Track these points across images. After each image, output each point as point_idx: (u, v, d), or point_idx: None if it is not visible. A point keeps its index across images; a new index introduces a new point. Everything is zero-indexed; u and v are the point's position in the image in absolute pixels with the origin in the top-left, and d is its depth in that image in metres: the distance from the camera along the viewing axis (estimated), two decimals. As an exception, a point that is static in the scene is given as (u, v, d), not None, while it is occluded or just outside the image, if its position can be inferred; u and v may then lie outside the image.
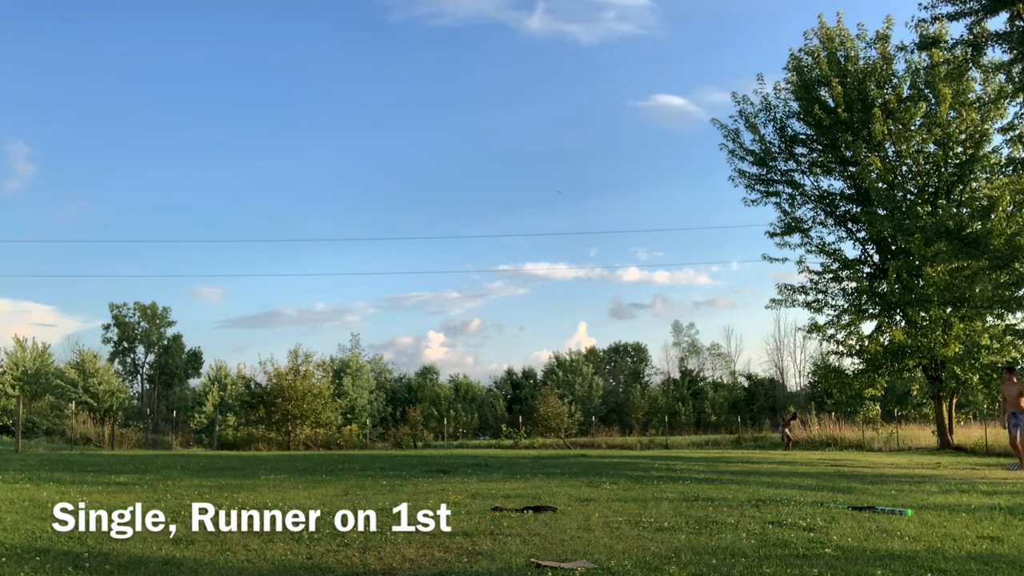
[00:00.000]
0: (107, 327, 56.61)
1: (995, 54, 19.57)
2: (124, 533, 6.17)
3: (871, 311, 27.33)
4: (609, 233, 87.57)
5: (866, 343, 27.56)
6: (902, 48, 25.57)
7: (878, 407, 34.60)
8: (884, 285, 26.38)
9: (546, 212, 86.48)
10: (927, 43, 21.40)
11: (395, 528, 6.39)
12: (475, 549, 5.52)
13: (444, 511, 6.14)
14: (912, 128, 25.99)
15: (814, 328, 28.19)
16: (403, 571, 4.88)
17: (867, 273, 27.39)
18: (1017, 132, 24.80)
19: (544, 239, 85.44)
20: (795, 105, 27.49)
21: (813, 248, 28.02)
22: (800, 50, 27.16)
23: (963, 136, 25.94)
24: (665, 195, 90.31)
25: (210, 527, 6.48)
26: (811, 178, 28.39)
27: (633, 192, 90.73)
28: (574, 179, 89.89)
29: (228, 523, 6.69)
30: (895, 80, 26.37)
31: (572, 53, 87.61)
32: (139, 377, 58.55)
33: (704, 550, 5.52)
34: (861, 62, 26.60)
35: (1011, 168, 23.16)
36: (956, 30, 19.57)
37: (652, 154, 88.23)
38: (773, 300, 28.96)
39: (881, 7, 52.41)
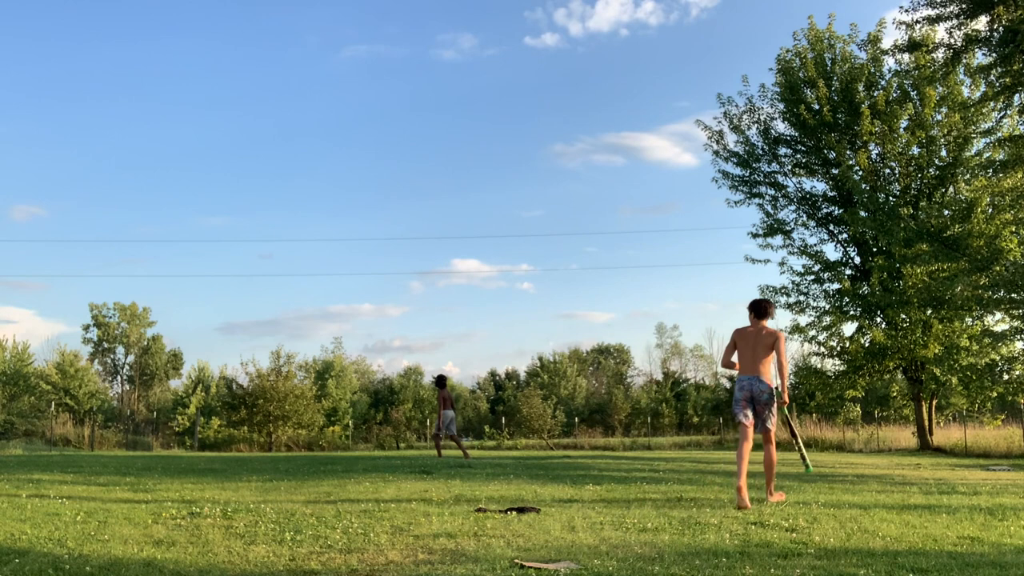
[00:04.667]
0: (87, 328, 56.19)
1: (980, 58, 19.78)
2: (104, 534, 6.12)
3: (852, 313, 27.50)
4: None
5: (847, 344, 27.74)
6: (885, 52, 25.83)
7: (859, 408, 34.82)
8: (865, 287, 26.56)
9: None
10: (910, 46, 21.56)
11: (378, 529, 6.37)
12: (459, 550, 5.51)
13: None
14: (898, 130, 26.21)
15: (796, 329, 28.35)
16: (386, 573, 4.87)
17: (848, 275, 27.57)
18: (999, 135, 25.04)
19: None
20: (781, 106, 27.65)
21: (795, 250, 28.19)
22: (788, 51, 27.33)
23: (947, 138, 26.17)
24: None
25: (191, 528, 6.44)
26: (794, 180, 28.57)
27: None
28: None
29: (210, 524, 6.65)
30: (883, 82, 26.57)
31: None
32: (119, 378, 58.14)
33: (687, 551, 5.53)
34: (849, 64, 26.78)
35: (991, 170, 23.38)
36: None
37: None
38: (755, 302, 29.07)
39: (879, 9, 52.77)
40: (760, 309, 8.71)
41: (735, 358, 8.73)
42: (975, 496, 9.72)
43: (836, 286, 27.61)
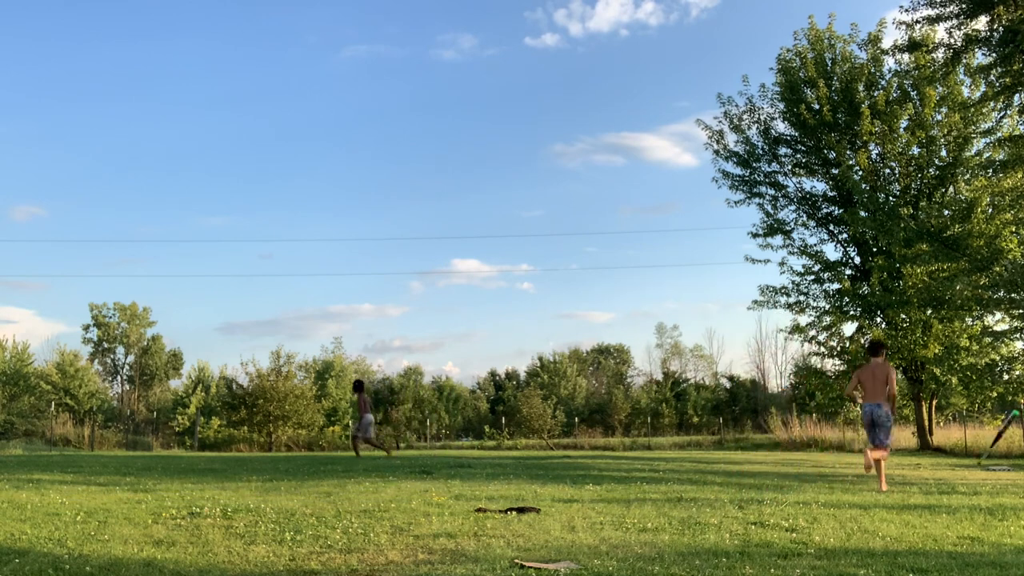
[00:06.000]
0: (87, 328, 56.15)
1: (980, 58, 19.78)
2: (104, 534, 6.12)
3: (852, 313, 27.49)
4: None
5: (847, 344, 27.73)
6: (885, 52, 25.81)
7: (859, 408, 34.79)
8: (865, 287, 26.55)
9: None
10: (910, 46, 21.56)
11: (378, 530, 6.37)
12: (459, 550, 5.51)
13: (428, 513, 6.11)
14: (898, 130, 26.19)
15: (796, 329, 28.34)
16: (386, 573, 4.87)
17: (848, 275, 27.56)
18: (999, 135, 25.03)
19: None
20: (781, 105, 27.61)
21: (795, 250, 28.17)
22: (789, 50, 27.31)
23: (947, 138, 26.15)
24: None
25: (191, 528, 6.44)
26: (794, 180, 28.56)
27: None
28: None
29: (210, 524, 6.65)
30: (883, 82, 26.54)
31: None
32: (119, 378, 58.11)
33: (687, 551, 5.54)
34: (849, 64, 26.76)
35: (991, 170, 23.37)
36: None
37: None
38: (755, 301, 29.09)
39: (879, 9, 52.72)
40: (874, 349, 11.21)
41: (857, 391, 11.26)
42: (975, 496, 9.72)
43: (836, 286, 27.59)
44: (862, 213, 26.12)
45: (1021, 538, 6.41)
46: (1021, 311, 23.25)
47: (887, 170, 27.12)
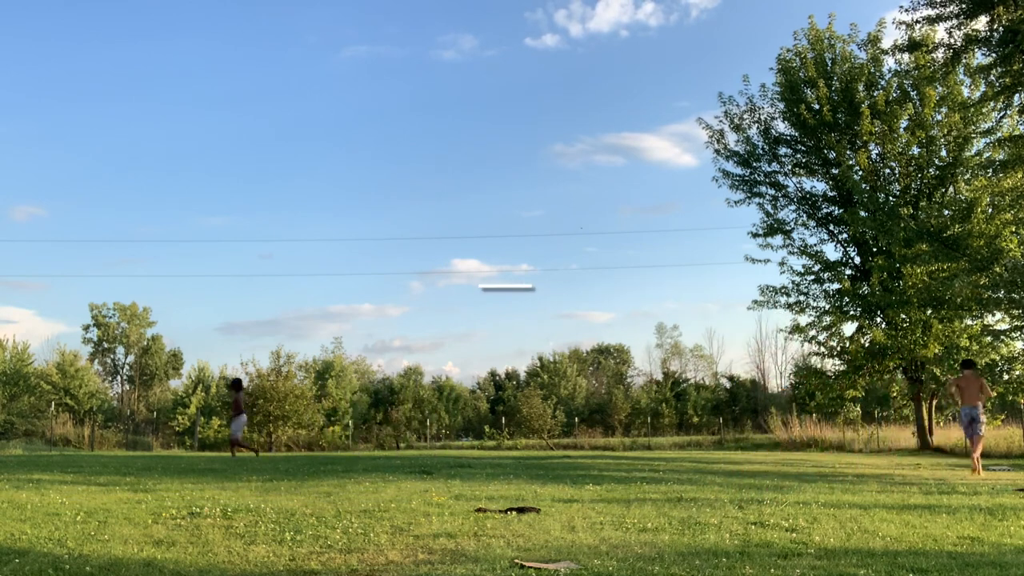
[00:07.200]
0: (87, 327, 56.10)
1: (980, 58, 19.78)
2: (104, 534, 6.12)
3: (852, 313, 27.49)
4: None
5: (847, 344, 27.73)
6: (885, 52, 25.83)
7: (859, 408, 34.81)
8: (865, 287, 26.55)
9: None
10: (910, 46, 21.56)
11: (378, 530, 6.37)
12: (459, 550, 5.51)
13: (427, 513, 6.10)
14: (898, 130, 26.20)
15: (796, 329, 28.33)
16: (386, 573, 4.87)
17: (849, 275, 27.56)
18: (999, 135, 25.04)
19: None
20: (781, 105, 27.61)
21: (795, 250, 28.17)
22: (789, 50, 27.31)
23: (947, 138, 26.15)
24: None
25: (191, 528, 6.44)
26: (794, 179, 28.56)
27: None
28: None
29: (210, 524, 6.64)
30: (883, 82, 26.55)
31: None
32: (119, 378, 58.07)
33: (687, 551, 5.54)
34: (849, 64, 26.77)
35: (991, 170, 23.38)
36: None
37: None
38: (755, 301, 29.08)
39: (879, 9, 52.64)
40: (967, 364, 15.53)
41: (957, 395, 15.08)
42: (975, 496, 9.72)
43: (836, 286, 27.59)
44: (862, 213, 26.13)
45: (1021, 538, 6.41)
46: (1021, 311, 23.25)
47: (887, 170, 27.13)
